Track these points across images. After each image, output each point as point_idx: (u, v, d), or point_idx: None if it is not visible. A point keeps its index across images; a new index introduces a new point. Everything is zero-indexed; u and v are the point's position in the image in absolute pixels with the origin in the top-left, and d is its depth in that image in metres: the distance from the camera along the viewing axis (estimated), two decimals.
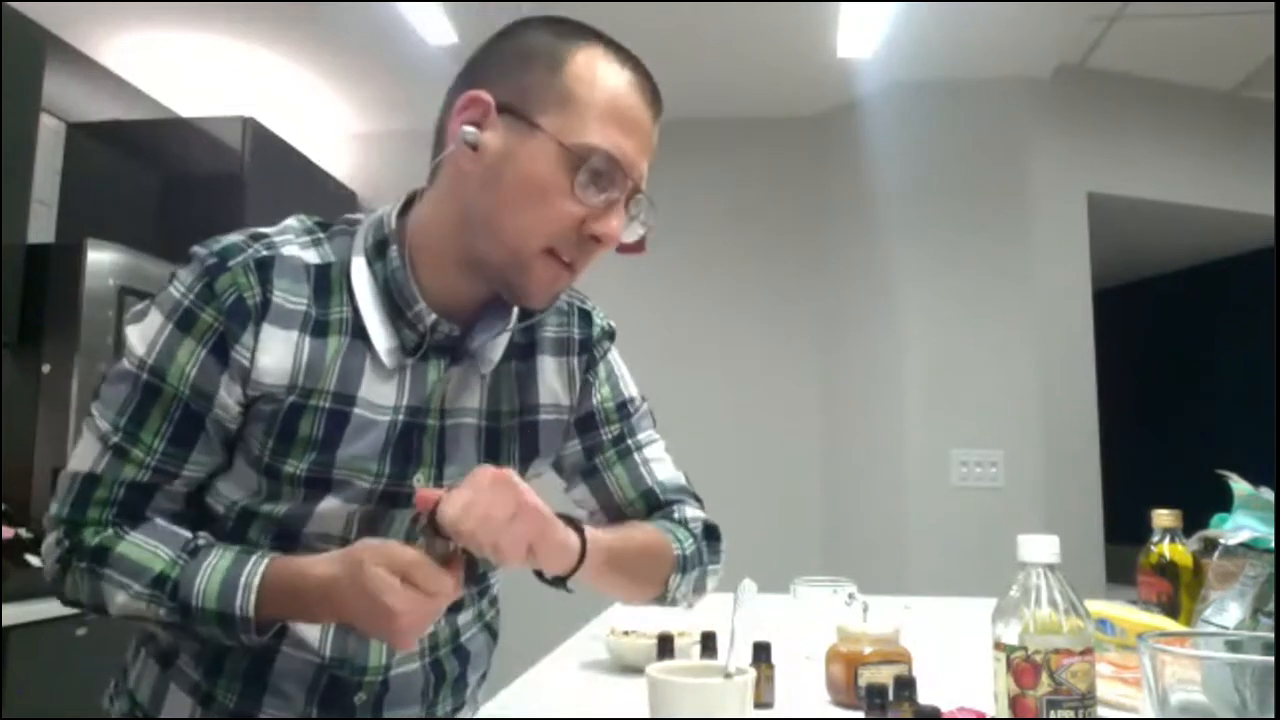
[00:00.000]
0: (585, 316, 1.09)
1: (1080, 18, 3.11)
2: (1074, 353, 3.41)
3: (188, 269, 0.91)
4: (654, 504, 1.09)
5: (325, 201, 3.43)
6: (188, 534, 0.91)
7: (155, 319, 0.90)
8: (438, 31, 2.97)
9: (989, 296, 3.38)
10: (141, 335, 0.90)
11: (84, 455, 0.91)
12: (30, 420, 2.37)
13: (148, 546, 0.88)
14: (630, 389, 1.11)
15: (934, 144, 3.48)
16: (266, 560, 0.87)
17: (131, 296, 2.53)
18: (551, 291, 0.93)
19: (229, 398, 0.90)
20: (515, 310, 0.99)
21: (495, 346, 0.99)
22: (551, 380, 1.04)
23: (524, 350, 1.03)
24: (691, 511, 1.10)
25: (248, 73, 3.45)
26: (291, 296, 0.91)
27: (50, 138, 2.92)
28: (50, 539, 0.92)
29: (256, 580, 0.85)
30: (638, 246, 0.97)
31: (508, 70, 0.90)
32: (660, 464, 1.11)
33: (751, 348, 3.77)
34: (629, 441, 1.09)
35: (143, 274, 2.59)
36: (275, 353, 0.90)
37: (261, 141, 3.09)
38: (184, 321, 0.89)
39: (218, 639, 0.87)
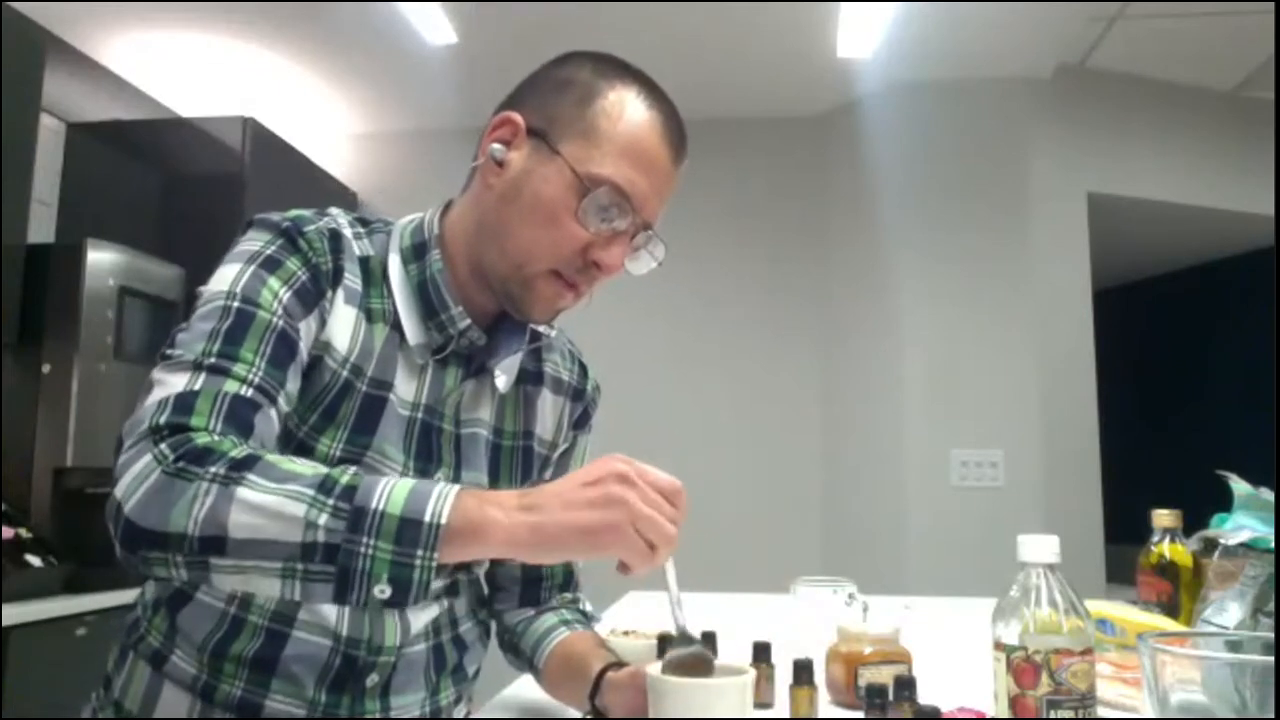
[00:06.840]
0: (583, 368, 1.15)
1: (1080, 18, 3.11)
2: (1074, 353, 3.41)
3: (257, 230, 0.92)
4: None
5: (325, 202, 3.42)
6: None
7: (233, 266, 0.89)
8: (438, 31, 2.96)
9: (989, 296, 3.38)
10: (221, 278, 0.88)
11: (169, 385, 0.80)
12: (30, 420, 2.37)
13: (301, 462, 0.77)
14: None
15: (934, 144, 3.48)
16: (456, 486, 0.76)
17: (131, 296, 2.54)
18: (553, 309, 0.97)
19: (308, 340, 0.89)
20: (528, 329, 1.02)
21: (512, 365, 1.03)
22: (547, 415, 1.10)
23: (533, 377, 1.09)
24: None
25: (248, 73, 3.45)
26: (351, 275, 0.94)
27: (50, 138, 2.92)
28: (144, 461, 0.75)
29: (451, 491, 0.74)
30: None
31: (543, 98, 0.95)
32: None
33: (751, 347, 3.77)
34: None
35: (143, 274, 2.59)
36: (342, 322, 0.92)
37: (261, 141, 3.09)
38: (268, 264, 0.89)
39: (370, 565, 0.71)
